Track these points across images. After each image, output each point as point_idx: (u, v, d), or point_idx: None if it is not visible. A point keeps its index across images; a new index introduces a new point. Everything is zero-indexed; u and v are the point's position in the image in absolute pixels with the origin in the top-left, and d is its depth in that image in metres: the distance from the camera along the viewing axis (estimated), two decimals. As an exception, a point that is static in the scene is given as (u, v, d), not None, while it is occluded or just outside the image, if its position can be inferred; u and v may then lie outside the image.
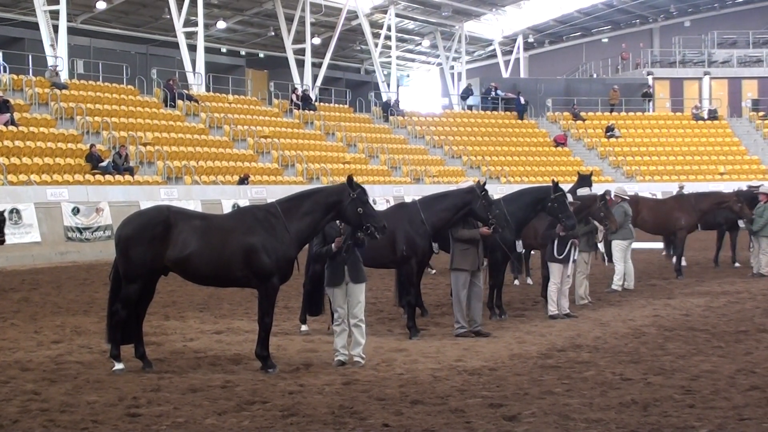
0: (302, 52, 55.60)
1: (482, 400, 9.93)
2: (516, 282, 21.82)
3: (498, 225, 14.68)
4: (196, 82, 48.28)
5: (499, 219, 14.86)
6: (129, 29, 59.04)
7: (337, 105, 56.14)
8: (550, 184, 16.82)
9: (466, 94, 62.76)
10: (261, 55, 68.29)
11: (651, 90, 64.26)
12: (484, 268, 15.17)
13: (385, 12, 61.83)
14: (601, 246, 19.92)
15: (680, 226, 23.55)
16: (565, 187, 18.52)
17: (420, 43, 73.87)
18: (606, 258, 22.60)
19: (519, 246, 16.86)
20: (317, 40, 60.78)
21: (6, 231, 29.22)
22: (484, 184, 15.16)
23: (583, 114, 61.19)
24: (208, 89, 49.77)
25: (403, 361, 12.38)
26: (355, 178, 12.18)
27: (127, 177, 35.17)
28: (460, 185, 16.08)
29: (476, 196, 14.65)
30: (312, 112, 51.25)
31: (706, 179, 50.39)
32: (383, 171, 48.00)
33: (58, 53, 41.85)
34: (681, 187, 36.92)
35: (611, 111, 62.19)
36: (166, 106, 43.95)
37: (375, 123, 55.05)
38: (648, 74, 65.72)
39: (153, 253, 11.64)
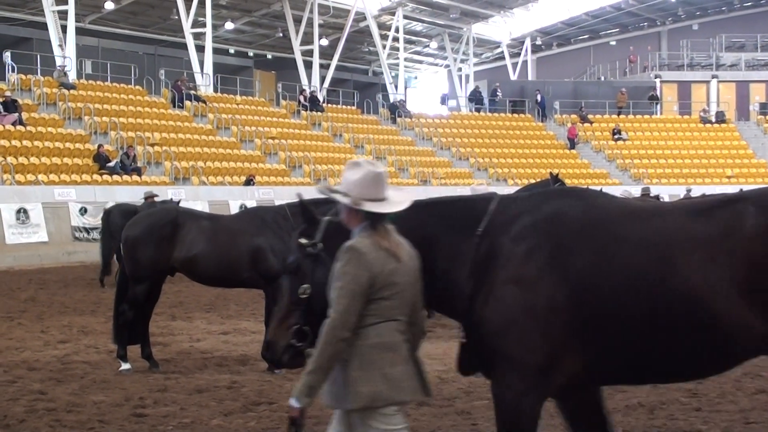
0: (310, 53, 55.60)
1: (488, 402, 9.87)
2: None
3: None
4: (204, 83, 48.34)
5: None
6: (137, 30, 59.17)
7: (344, 106, 56.13)
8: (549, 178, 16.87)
9: (474, 96, 62.75)
10: (269, 56, 68.37)
11: (656, 93, 64.14)
12: None
13: (393, 14, 61.88)
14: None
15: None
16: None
17: (428, 45, 73.88)
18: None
19: None
20: (325, 42, 60.79)
21: (14, 231, 29.55)
22: None
23: (590, 117, 61.09)
24: (215, 90, 49.79)
25: (410, 362, 12.36)
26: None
27: (135, 177, 35.22)
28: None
29: None
30: (319, 113, 51.24)
31: (713, 182, 50.29)
32: (391, 173, 47.91)
33: (66, 53, 41.94)
34: (688, 191, 36.92)
35: (619, 114, 62.05)
36: (174, 106, 44.00)
37: (383, 124, 55.05)
38: (656, 77, 65.61)
39: (160, 253, 11.66)
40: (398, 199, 5.23)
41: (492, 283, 5.36)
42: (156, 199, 24.68)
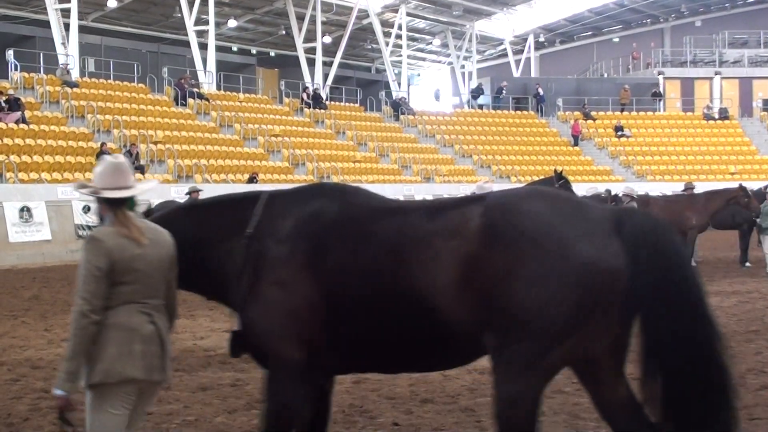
0: (313, 50, 55.64)
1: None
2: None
3: None
4: (207, 81, 48.35)
5: None
6: (140, 27, 59.17)
7: (347, 104, 56.09)
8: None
9: (477, 93, 62.69)
10: (272, 53, 68.34)
11: (659, 90, 64.10)
12: None
13: (396, 11, 61.85)
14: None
15: (691, 225, 23.56)
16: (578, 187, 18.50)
17: (431, 42, 73.84)
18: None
19: None
20: (328, 39, 60.80)
21: (18, 229, 29.54)
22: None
23: (593, 113, 61.04)
24: (219, 88, 49.82)
25: (413, 360, 12.34)
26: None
27: (138, 175, 35.21)
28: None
29: None
30: (322, 110, 51.24)
31: (716, 179, 50.14)
32: (394, 170, 47.96)
33: (69, 51, 41.97)
34: (691, 187, 36.84)
35: (622, 110, 62.01)
36: (177, 104, 44.02)
37: (385, 122, 55.00)
38: (659, 74, 65.55)
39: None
40: (141, 188, 5.59)
41: (259, 285, 5.73)
42: (200, 194, 24.59)
